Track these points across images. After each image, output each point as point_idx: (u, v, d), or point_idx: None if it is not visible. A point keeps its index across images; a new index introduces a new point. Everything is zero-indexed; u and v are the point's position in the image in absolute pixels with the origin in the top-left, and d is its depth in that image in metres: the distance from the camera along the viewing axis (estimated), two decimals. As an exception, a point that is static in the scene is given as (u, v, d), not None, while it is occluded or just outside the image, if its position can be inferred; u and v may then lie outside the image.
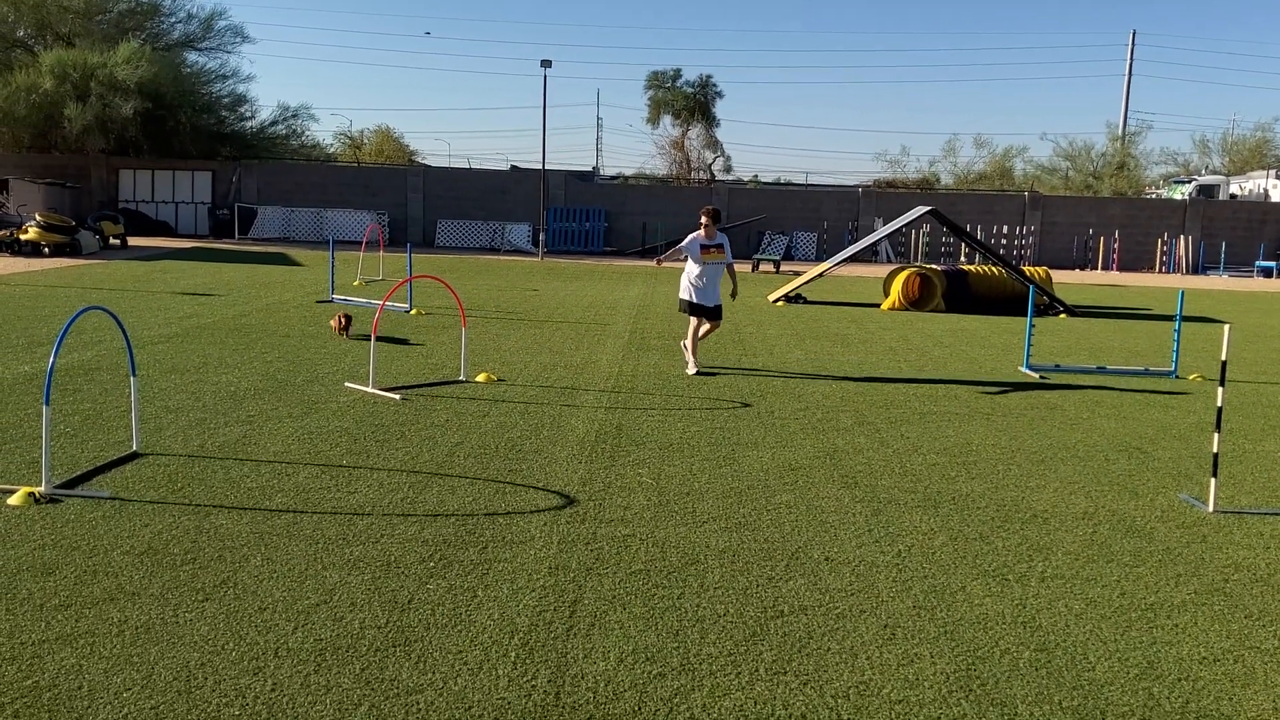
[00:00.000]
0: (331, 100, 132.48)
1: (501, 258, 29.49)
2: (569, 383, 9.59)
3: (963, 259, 30.59)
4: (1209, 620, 4.47)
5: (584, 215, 34.13)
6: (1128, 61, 53.69)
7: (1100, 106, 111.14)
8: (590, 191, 35.31)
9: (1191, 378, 11.02)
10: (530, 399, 8.76)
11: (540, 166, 31.31)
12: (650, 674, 3.79)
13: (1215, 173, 44.81)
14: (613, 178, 47.13)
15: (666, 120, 46.85)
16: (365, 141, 52.10)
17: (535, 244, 31.41)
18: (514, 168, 38.89)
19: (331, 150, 47.95)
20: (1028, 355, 11.23)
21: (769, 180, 51.39)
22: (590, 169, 40.97)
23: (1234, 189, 39.33)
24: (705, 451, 7.13)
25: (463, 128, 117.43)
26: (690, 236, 10.44)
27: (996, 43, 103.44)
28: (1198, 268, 33.05)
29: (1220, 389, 6.12)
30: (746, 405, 8.82)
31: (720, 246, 10.41)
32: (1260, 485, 6.75)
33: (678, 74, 46.69)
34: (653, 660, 3.90)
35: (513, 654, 3.92)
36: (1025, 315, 11.14)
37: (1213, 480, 6.14)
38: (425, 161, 48.17)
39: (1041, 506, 6.09)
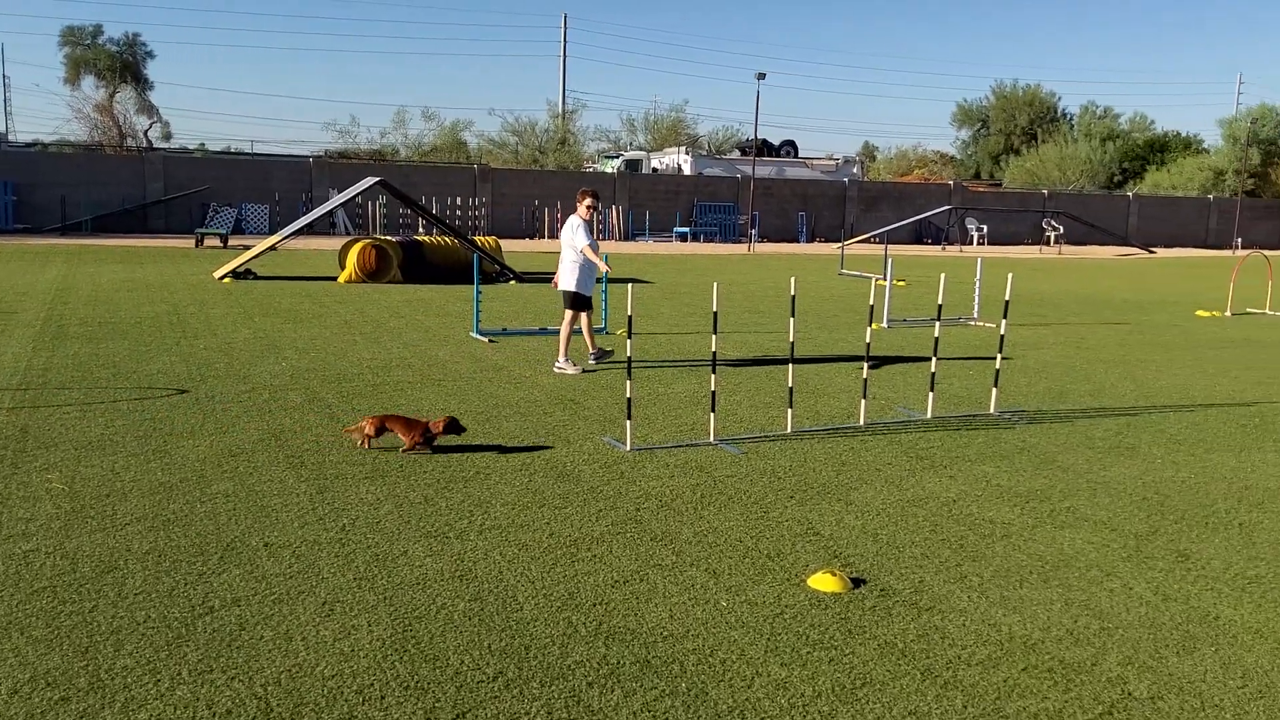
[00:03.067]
0: None
1: (-126, 239, 24.38)
2: (-40, 383, 8.18)
3: (421, 230, 31.13)
4: (622, 547, 4.98)
5: (-15, 187, 29.36)
6: (562, 43, 58.09)
7: (543, 85, 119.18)
8: (-7, 160, 30.41)
9: (619, 333, 12.25)
10: (-96, 406, 7.33)
11: (-80, 129, 26.27)
12: (51, 700, 3.35)
13: (640, 149, 50.20)
14: (28, 145, 41.10)
15: (89, 81, 41.82)
16: None
17: (-79, 222, 26.39)
18: (-115, 130, 32.23)
19: None
20: (477, 321, 11.72)
21: (219, 149, 48.14)
22: (-8, 134, 35.23)
23: (655, 164, 44.35)
24: (131, 446, 6.47)
25: None
26: (584, 223, 9.53)
27: (442, 17, 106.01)
28: (628, 234, 36.91)
29: (629, 340, 6.85)
30: (183, 392, 8.18)
31: None
32: (669, 422, 7.68)
33: (98, 30, 41.86)
34: (55, 685, 3.45)
35: None
36: (481, 284, 11.62)
37: (628, 422, 6.88)
38: None
39: (484, 463, 6.38)
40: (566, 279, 9.65)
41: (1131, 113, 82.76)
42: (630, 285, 7.21)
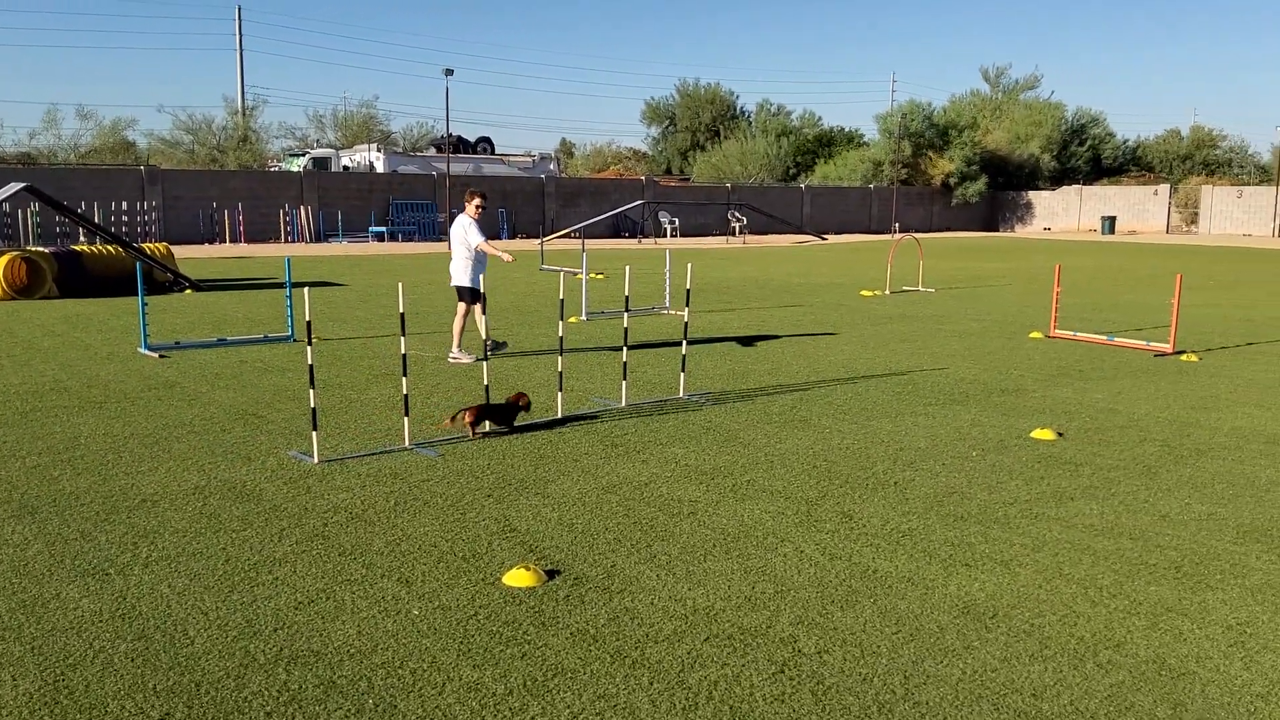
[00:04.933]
0: None
1: None
2: None
3: (82, 239, 28.34)
4: (308, 565, 4.75)
5: None
6: (237, 36, 54.79)
7: (219, 80, 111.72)
8: None
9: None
10: None
11: None
12: None
13: (329, 146, 48.23)
14: None
15: None
16: None
17: None
18: None
19: None
20: (144, 335, 10.80)
21: None
22: None
23: (346, 161, 42.79)
24: None
25: None
26: (474, 221, 10.12)
27: (95, 7, 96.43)
28: (320, 235, 35.43)
29: (309, 346, 6.53)
30: None
31: None
32: (361, 430, 7.42)
33: None
34: None
35: None
36: (150, 295, 10.69)
37: (315, 433, 6.57)
38: None
39: (152, 490, 5.88)
40: (459, 275, 10.33)
41: (802, 110, 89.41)
42: (307, 290, 6.89)
